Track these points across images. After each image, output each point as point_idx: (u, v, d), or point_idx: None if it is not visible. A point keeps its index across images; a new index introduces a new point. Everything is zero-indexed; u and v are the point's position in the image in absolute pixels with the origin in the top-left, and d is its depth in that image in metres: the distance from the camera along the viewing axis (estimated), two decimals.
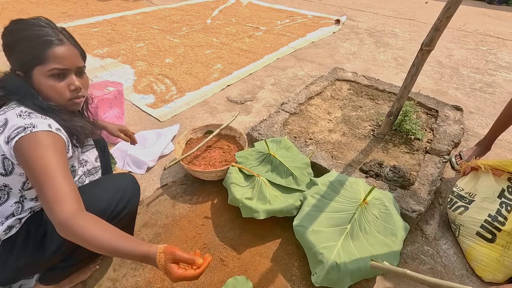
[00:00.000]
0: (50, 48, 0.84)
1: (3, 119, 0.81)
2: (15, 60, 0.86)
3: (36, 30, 0.84)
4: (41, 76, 0.86)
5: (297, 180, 1.44)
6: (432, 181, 1.54)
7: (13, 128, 0.77)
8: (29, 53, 0.83)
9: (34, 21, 0.86)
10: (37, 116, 0.82)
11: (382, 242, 1.19)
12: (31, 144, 0.76)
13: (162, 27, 3.91)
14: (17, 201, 0.88)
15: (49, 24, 0.88)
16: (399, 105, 1.71)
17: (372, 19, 4.92)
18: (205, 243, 1.35)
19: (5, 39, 0.85)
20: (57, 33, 0.87)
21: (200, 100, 2.36)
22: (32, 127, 0.77)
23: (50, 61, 0.85)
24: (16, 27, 0.84)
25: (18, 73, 0.86)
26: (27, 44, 0.83)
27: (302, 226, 1.24)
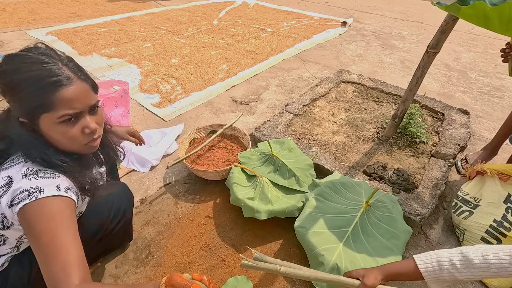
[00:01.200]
0: (57, 92, 0.70)
1: (6, 176, 0.71)
2: (17, 107, 0.72)
3: (36, 69, 0.69)
4: (49, 124, 0.73)
5: (299, 181, 1.44)
6: (436, 184, 1.52)
7: (17, 192, 0.68)
8: (32, 99, 0.69)
9: (33, 56, 0.71)
10: (45, 175, 0.72)
11: (384, 246, 1.18)
12: (35, 214, 0.67)
13: (169, 28, 3.95)
14: (13, 247, 0.82)
15: (51, 57, 0.73)
16: (404, 107, 1.70)
17: (379, 21, 4.90)
18: (206, 242, 1.35)
19: (1, 81, 0.70)
20: (63, 69, 0.72)
21: (205, 100, 2.38)
22: (38, 192, 0.68)
23: (59, 107, 0.71)
24: (12, 67, 0.69)
25: (22, 120, 0.72)
26: (29, 89, 0.69)
27: (303, 227, 1.24)
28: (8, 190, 0.70)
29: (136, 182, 1.64)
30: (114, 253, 1.28)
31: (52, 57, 0.73)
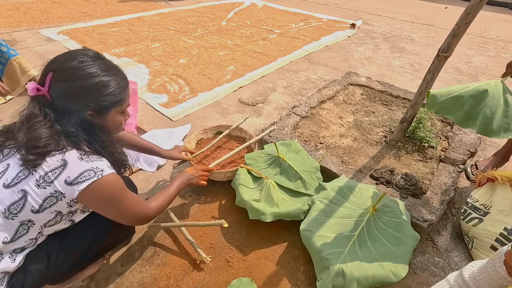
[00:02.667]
0: (127, 89, 0.92)
1: (60, 159, 0.80)
2: (90, 103, 0.84)
3: (112, 74, 0.86)
4: (115, 115, 0.91)
5: (305, 184, 1.43)
6: (445, 190, 1.50)
7: (80, 171, 0.80)
8: (112, 97, 0.86)
9: (100, 62, 0.85)
10: (96, 159, 0.85)
11: (391, 251, 1.16)
12: (106, 188, 0.84)
13: (178, 28, 3.98)
14: (33, 238, 0.87)
15: (113, 64, 0.91)
16: (413, 111, 1.68)
17: (389, 23, 4.85)
18: (211, 243, 1.36)
19: (78, 84, 0.81)
20: (123, 73, 0.93)
21: (212, 101, 2.39)
22: (101, 171, 0.83)
23: (125, 101, 0.92)
24: (89, 71, 0.82)
25: (91, 113, 0.85)
26: (109, 89, 0.85)
27: (309, 230, 1.23)
28: (63, 171, 0.79)
29: (143, 182, 1.66)
30: (119, 251, 1.29)
31: (107, 60, 0.90)
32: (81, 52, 0.85)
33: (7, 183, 0.79)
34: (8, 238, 0.81)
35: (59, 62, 0.82)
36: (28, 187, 0.79)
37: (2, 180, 0.80)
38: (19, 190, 0.78)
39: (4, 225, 0.80)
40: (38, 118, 0.80)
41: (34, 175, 0.79)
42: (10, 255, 0.84)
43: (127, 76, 0.95)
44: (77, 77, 0.81)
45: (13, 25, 3.74)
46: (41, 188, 0.79)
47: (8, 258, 0.83)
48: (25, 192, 0.79)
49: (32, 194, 0.79)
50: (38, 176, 0.78)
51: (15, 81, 2.28)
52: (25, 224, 0.82)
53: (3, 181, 0.80)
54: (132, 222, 0.98)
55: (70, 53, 0.85)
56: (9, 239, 0.81)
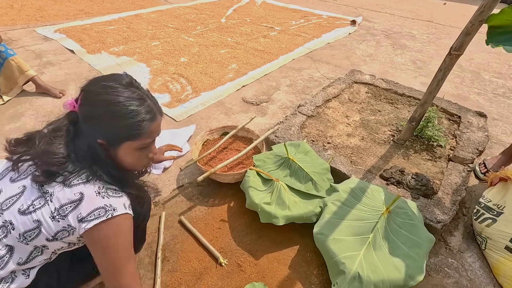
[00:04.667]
0: (147, 127, 0.81)
1: (78, 192, 0.75)
2: (103, 132, 0.78)
3: (135, 105, 0.78)
4: (128, 149, 0.82)
5: (316, 186, 1.40)
6: (456, 190, 1.48)
7: (92, 209, 0.75)
8: (126, 129, 0.78)
9: (129, 91, 0.78)
10: (113, 194, 0.79)
11: (406, 254, 1.14)
12: (110, 231, 0.76)
13: (177, 26, 3.92)
14: (47, 258, 0.84)
15: (146, 95, 0.82)
16: (423, 110, 1.66)
17: (389, 20, 4.83)
18: (222, 247, 1.33)
19: (97, 109, 0.76)
20: (153, 108, 0.82)
21: (216, 100, 2.35)
22: (113, 210, 0.76)
23: (143, 137, 0.81)
24: (110, 98, 0.76)
25: (101, 142, 0.79)
26: (125, 121, 0.77)
27: (322, 234, 1.21)
28: (78, 206, 0.74)
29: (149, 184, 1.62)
30: None
31: (146, 96, 0.83)
32: (115, 77, 0.81)
33: (22, 209, 0.76)
34: (23, 259, 0.79)
35: (90, 83, 0.80)
36: (42, 218, 0.75)
37: (17, 205, 0.76)
38: (34, 220, 0.75)
39: (18, 248, 0.77)
40: (61, 132, 0.79)
41: (50, 206, 0.75)
42: (24, 272, 0.82)
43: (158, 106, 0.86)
44: (97, 102, 0.77)
45: (8, 24, 3.65)
46: (55, 221, 0.75)
47: (21, 275, 0.81)
48: (39, 223, 0.75)
49: (45, 226, 0.75)
50: (53, 208, 0.75)
51: (12, 81, 2.22)
52: (39, 248, 0.80)
53: (18, 205, 0.76)
54: (117, 284, 0.79)
55: (106, 76, 0.82)
56: (24, 260, 0.79)
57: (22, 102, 2.24)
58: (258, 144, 1.64)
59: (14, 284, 0.79)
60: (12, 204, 0.76)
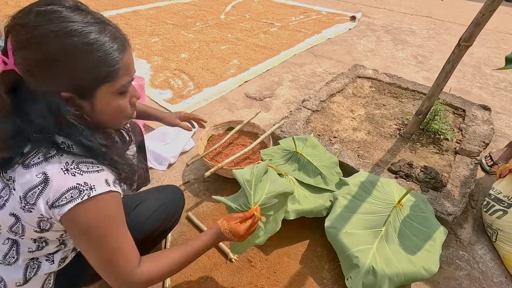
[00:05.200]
0: (122, 56, 0.62)
1: (40, 173, 0.59)
2: (66, 80, 0.58)
3: (95, 32, 0.58)
4: (106, 97, 0.63)
5: (325, 180, 1.39)
6: (465, 183, 1.48)
7: (62, 190, 0.58)
8: (95, 68, 0.59)
9: (78, 15, 0.57)
10: (88, 169, 0.61)
11: (419, 247, 1.13)
12: (90, 215, 0.60)
13: (176, 22, 3.87)
14: (58, 244, 0.74)
15: (103, 18, 0.63)
16: (430, 103, 1.64)
17: (388, 16, 4.82)
18: (231, 242, 1.31)
19: (46, 48, 0.55)
20: (116, 33, 0.63)
21: (218, 96, 2.32)
22: (89, 190, 0.59)
23: (121, 74, 0.63)
24: (60, 27, 0.55)
25: (67, 95, 0.59)
26: (91, 55, 0.58)
27: (334, 227, 1.19)
28: (45, 189, 0.59)
29: (154, 180, 1.59)
30: None
31: (92, 13, 0.61)
32: (51, 0, 0.57)
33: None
34: (33, 248, 0.70)
35: (18, 17, 0.56)
36: (15, 210, 0.62)
37: None
38: (9, 213, 0.62)
39: (20, 241, 0.69)
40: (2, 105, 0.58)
41: (15, 195, 0.60)
42: (47, 258, 0.74)
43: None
44: (42, 39, 0.54)
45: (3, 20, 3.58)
46: (26, 211, 0.61)
47: (46, 262, 0.74)
48: (16, 217, 0.63)
49: (23, 219, 0.63)
50: (18, 197, 0.60)
51: None
52: (39, 240, 0.69)
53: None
54: (108, 279, 0.66)
55: (37, 1, 0.57)
56: (34, 249, 0.70)
57: None
58: (265, 139, 1.62)
59: (42, 270, 0.73)
60: None
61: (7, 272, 0.70)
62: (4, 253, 0.69)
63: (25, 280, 0.71)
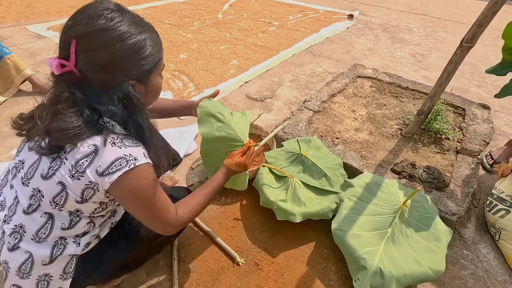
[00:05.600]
0: (161, 46, 0.78)
1: (91, 145, 0.69)
2: (134, 69, 0.71)
3: (143, 26, 0.72)
4: (155, 78, 0.79)
5: (330, 182, 1.39)
6: (468, 182, 1.49)
7: (111, 160, 0.69)
8: (154, 55, 0.74)
9: (126, 15, 0.69)
10: (130, 144, 0.73)
11: (426, 247, 1.15)
12: (136, 181, 0.72)
13: (174, 22, 3.84)
14: (89, 222, 0.82)
15: (134, 14, 0.75)
16: (432, 103, 1.66)
17: (385, 14, 4.83)
18: (237, 245, 1.31)
19: (114, 47, 0.66)
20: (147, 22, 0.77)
21: (219, 97, 2.31)
22: (134, 160, 0.71)
23: (162, 58, 0.79)
24: (122, 30, 0.67)
25: (133, 82, 0.72)
26: (151, 45, 0.73)
27: (341, 230, 1.20)
28: (95, 158, 0.69)
29: None
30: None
31: (128, 11, 0.73)
32: (100, 6, 0.67)
33: (44, 174, 0.71)
34: (66, 224, 0.77)
35: (82, 24, 0.65)
36: (63, 179, 0.70)
37: (39, 171, 0.72)
38: (57, 182, 0.71)
39: (56, 215, 0.76)
40: (66, 103, 0.66)
41: (67, 164, 0.69)
42: (74, 239, 0.81)
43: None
44: (110, 42, 0.66)
45: None
46: (75, 179, 0.70)
47: (72, 243, 0.81)
48: (63, 185, 0.71)
49: (69, 187, 0.71)
50: (70, 166, 0.69)
51: (8, 80, 2.14)
52: (74, 213, 0.77)
53: (40, 171, 0.72)
54: (158, 229, 0.82)
55: (88, 9, 0.67)
56: (67, 226, 0.77)
57: (19, 103, 2.17)
58: (268, 141, 1.62)
59: (67, 250, 0.80)
60: (34, 171, 0.73)
61: (36, 248, 0.76)
62: (39, 226, 0.75)
63: (51, 260, 0.78)
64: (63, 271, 0.82)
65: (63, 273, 0.82)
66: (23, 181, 0.75)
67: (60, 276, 0.81)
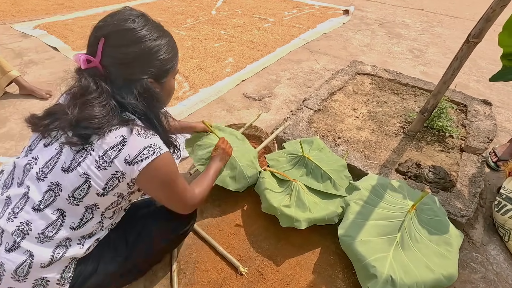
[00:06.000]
0: (177, 47, 0.86)
1: (119, 135, 0.74)
2: (153, 68, 0.79)
3: (162, 29, 0.82)
4: (170, 79, 0.87)
5: (335, 185, 1.34)
6: (474, 182, 1.45)
7: (140, 149, 0.75)
8: (171, 58, 0.83)
9: (147, 20, 0.79)
10: (152, 135, 0.79)
11: (437, 252, 1.10)
12: (163, 167, 0.79)
13: (166, 19, 3.73)
14: (99, 221, 0.83)
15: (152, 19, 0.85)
16: (436, 101, 1.61)
17: (380, 9, 4.78)
18: (240, 254, 1.25)
19: (142, 44, 0.76)
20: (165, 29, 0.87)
21: (216, 97, 2.24)
22: (159, 148, 0.78)
23: (177, 60, 0.87)
24: (156, 32, 0.79)
25: (151, 80, 0.80)
26: (169, 49, 0.82)
27: (349, 236, 1.15)
28: (123, 148, 0.74)
29: None
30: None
31: (148, 16, 0.82)
32: (128, 12, 0.78)
33: (66, 167, 0.73)
34: (75, 223, 0.78)
35: (111, 25, 0.74)
36: (89, 169, 0.73)
37: (59, 164, 0.74)
38: (80, 174, 0.73)
39: (69, 211, 0.76)
40: (93, 94, 0.72)
41: (93, 155, 0.73)
42: (79, 241, 0.81)
43: None
44: (135, 41, 0.75)
45: None
46: (102, 169, 0.73)
47: (76, 245, 0.80)
48: (87, 176, 0.73)
49: (94, 178, 0.74)
50: (97, 156, 0.73)
51: None
52: (90, 208, 0.79)
53: (60, 164, 0.74)
54: (180, 208, 0.94)
55: (118, 14, 0.77)
56: (76, 225, 0.78)
57: (5, 106, 2.06)
58: (269, 142, 1.56)
59: (69, 252, 0.78)
60: (54, 165, 0.74)
61: (37, 248, 0.75)
62: (47, 224, 0.75)
63: (50, 262, 0.76)
64: (61, 275, 0.79)
65: (60, 278, 0.79)
66: (38, 176, 0.75)
67: (58, 282, 0.79)
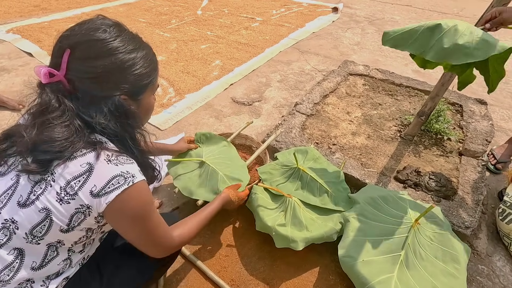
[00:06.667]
0: (157, 62, 0.77)
1: (84, 163, 0.63)
2: (126, 84, 0.68)
3: (140, 41, 0.72)
4: (148, 96, 0.76)
5: (333, 198, 1.25)
6: (476, 188, 1.39)
7: (108, 178, 0.64)
8: (149, 73, 0.72)
9: (129, 31, 0.71)
10: (126, 161, 0.67)
11: (444, 270, 1.03)
12: (135, 200, 0.67)
13: (149, 20, 3.58)
14: (66, 258, 0.72)
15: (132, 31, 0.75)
16: (433, 104, 1.54)
17: (369, 6, 4.73)
18: (232, 278, 1.15)
19: (114, 57, 0.65)
20: (144, 41, 0.77)
21: (203, 103, 2.12)
22: (132, 177, 0.66)
23: (157, 76, 0.77)
24: (129, 44, 0.68)
25: (125, 97, 0.69)
26: (146, 63, 0.71)
27: (350, 256, 1.06)
28: (89, 178, 0.63)
29: None
30: None
31: (124, 26, 0.73)
32: (100, 21, 0.68)
33: (22, 201, 0.63)
34: (37, 263, 0.67)
35: (79, 34, 0.64)
36: (49, 204, 0.62)
37: (15, 197, 0.64)
38: (40, 209, 0.62)
39: (28, 250, 0.65)
40: (55, 112, 0.62)
41: (54, 187, 0.62)
42: (43, 283, 0.69)
43: None
44: (105, 53, 0.64)
45: None
46: (64, 203, 0.63)
47: (40, 287, 0.69)
48: (47, 211, 0.63)
49: (55, 213, 0.63)
50: (58, 188, 0.62)
51: None
52: (54, 245, 0.68)
53: (16, 198, 0.63)
54: (151, 251, 0.77)
55: (88, 23, 0.67)
56: (38, 264, 0.67)
57: None
58: (261, 153, 1.46)
59: None
60: (9, 199, 0.64)
61: None
62: (3, 266, 0.64)
63: None
64: None
65: None
66: None
67: None
